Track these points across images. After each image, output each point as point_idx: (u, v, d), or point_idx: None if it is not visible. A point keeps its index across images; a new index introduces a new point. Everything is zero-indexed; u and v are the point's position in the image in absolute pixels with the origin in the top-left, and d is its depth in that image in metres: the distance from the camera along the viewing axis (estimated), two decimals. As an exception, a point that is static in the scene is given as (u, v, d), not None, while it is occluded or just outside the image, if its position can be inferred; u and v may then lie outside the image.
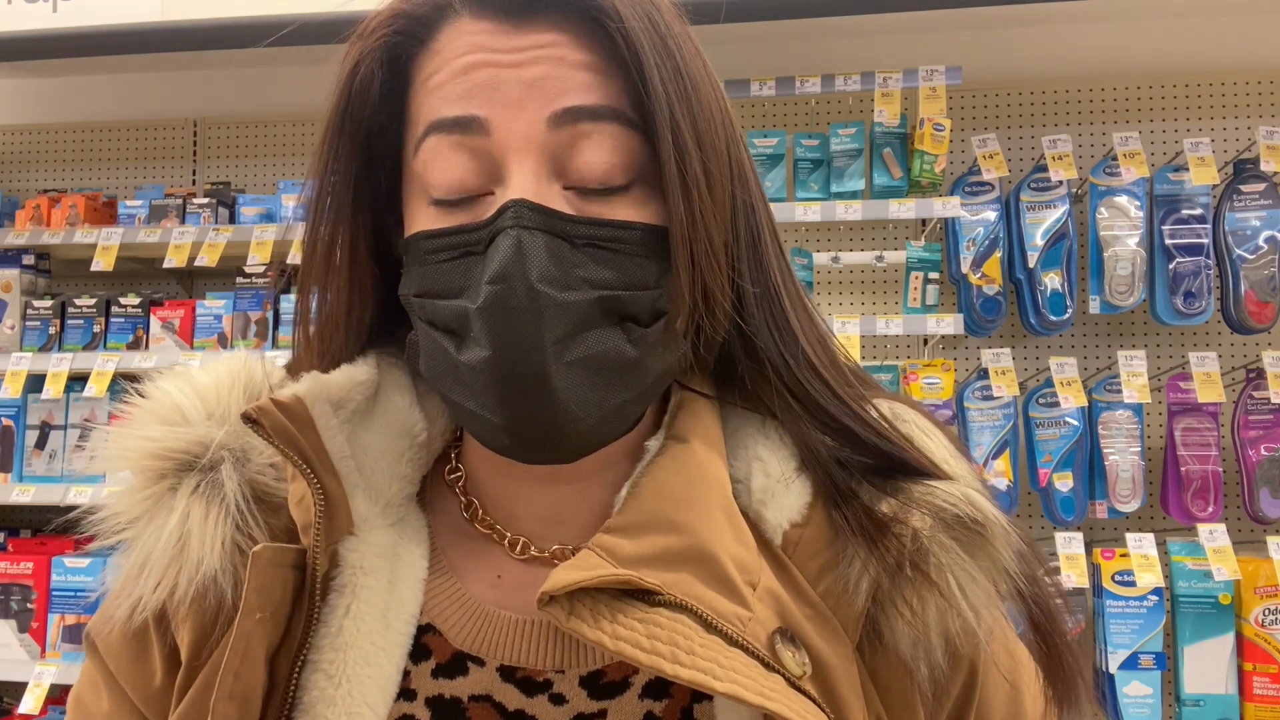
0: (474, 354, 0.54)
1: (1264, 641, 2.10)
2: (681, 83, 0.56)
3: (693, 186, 0.55)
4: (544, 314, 0.52)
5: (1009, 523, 0.59)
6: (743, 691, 0.51)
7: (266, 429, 0.57)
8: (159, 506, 0.59)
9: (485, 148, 0.55)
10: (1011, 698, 0.64)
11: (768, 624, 0.55)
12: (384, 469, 0.62)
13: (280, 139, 2.86)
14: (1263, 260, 2.22)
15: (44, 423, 2.54)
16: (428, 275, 0.57)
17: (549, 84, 0.55)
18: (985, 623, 0.57)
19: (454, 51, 0.56)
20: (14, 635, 2.39)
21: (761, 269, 0.61)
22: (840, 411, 0.60)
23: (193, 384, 0.64)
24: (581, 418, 0.54)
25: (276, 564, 0.57)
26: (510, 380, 0.53)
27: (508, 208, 0.53)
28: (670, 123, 0.54)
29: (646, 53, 0.55)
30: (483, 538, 0.64)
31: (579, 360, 0.53)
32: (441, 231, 0.56)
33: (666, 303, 0.57)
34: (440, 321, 0.57)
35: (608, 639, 0.52)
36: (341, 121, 0.60)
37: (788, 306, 0.62)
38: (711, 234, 0.56)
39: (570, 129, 0.55)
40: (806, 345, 0.62)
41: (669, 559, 0.55)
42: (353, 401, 0.62)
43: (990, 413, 2.26)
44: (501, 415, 0.54)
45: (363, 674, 0.57)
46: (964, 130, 2.50)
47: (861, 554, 0.58)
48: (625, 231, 0.55)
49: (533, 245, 0.52)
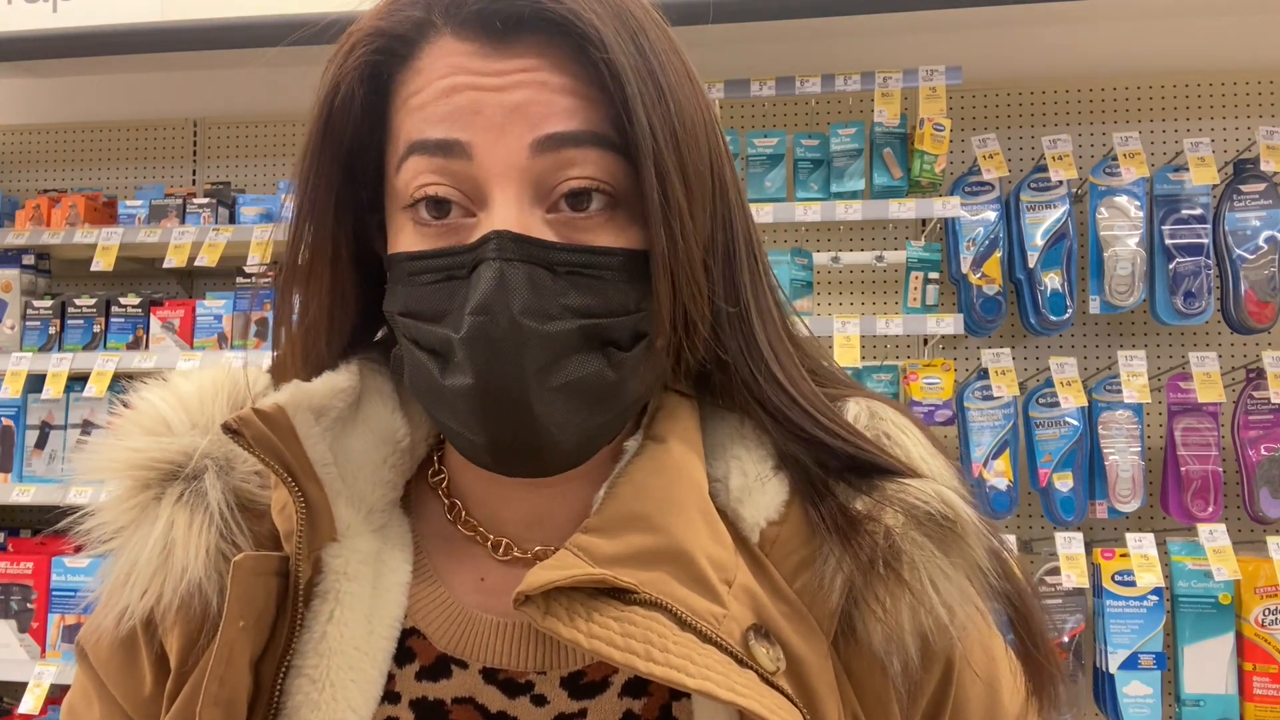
0: (457, 380, 0.54)
1: (1264, 641, 2.10)
2: (665, 107, 0.56)
3: (674, 214, 0.55)
4: (526, 345, 0.53)
5: (984, 521, 0.60)
6: (714, 688, 0.51)
7: (247, 439, 0.57)
8: (144, 516, 0.60)
9: (467, 171, 0.55)
10: (988, 694, 0.64)
11: (742, 621, 0.56)
12: (367, 475, 0.63)
13: (280, 139, 2.86)
14: (1263, 260, 2.22)
15: (44, 423, 2.54)
16: (411, 296, 0.57)
17: (531, 109, 0.54)
18: (959, 619, 0.58)
19: (436, 72, 0.56)
20: (14, 635, 2.39)
21: (734, 286, 0.62)
22: (809, 424, 0.61)
23: (177, 393, 0.65)
24: (562, 440, 0.55)
25: (259, 572, 0.57)
26: (492, 408, 0.54)
27: (490, 239, 0.54)
28: (653, 152, 0.54)
29: (630, 81, 0.54)
30: (466, 540, 0.65)
31: (560, 387, 0.54)
32: (425, 254, 0.57)
33: (647, 325, 0.57)
34: (424, 343, 0.57)
35: (583, 638, 0.53)
36: (323, 137, 0.60)
37: (755, 324, 0.62)
38: (693, 258, 0.57)
39: (553, 155, 0.55)
40: (774, 363, 0.62)
41: (645, 558, 0.56)
42: (334, 409, 0.62)
43: (990, 413, 2.26)
44: (484, 437, 0.55)
45: (346, 678, 0.57)
46: (964, 130, 2.50)
47: (836, 551, 0.58)
48: (607, 258, 0.56)
49: (514, 277, 0.53)
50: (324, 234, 0.61)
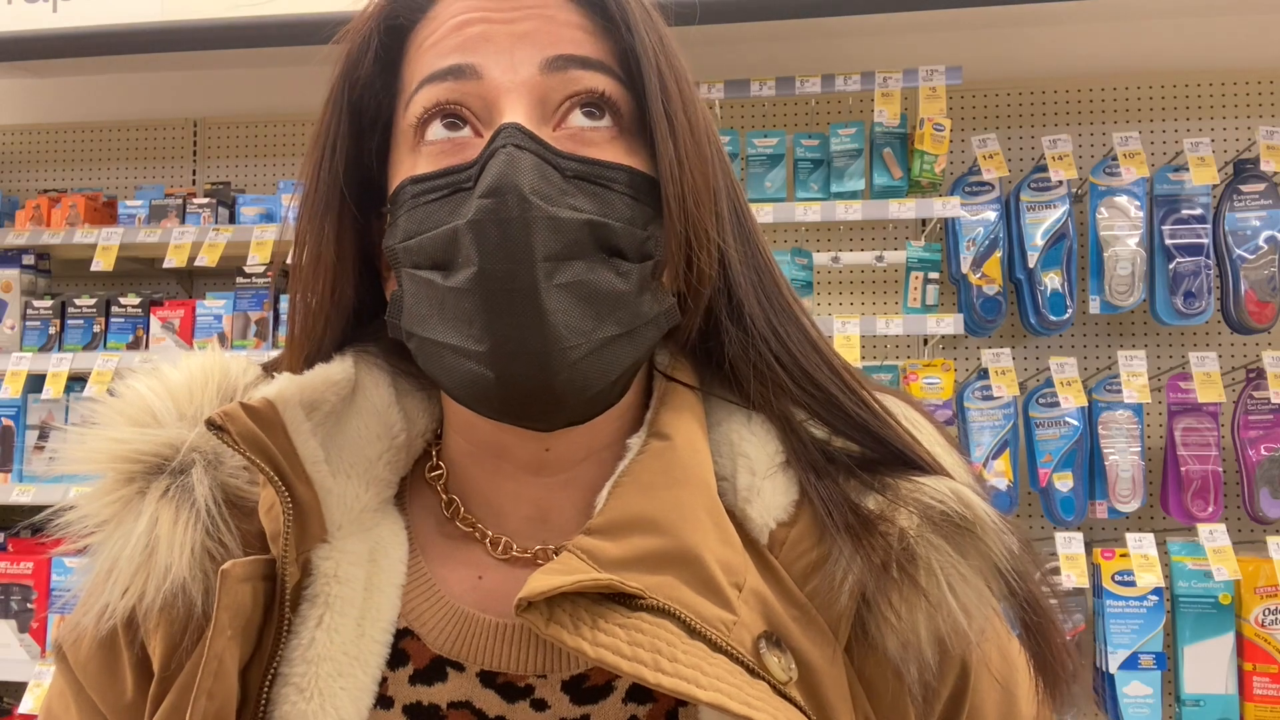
0: (462, 274, 0.53)
1: (1264, 641, 2.10)
2: (667, 50, 0.59)
3: (680, 133, 0.57)
4: (535, 226, 0.52)
5: (1002, 519, 0.58)
6: (727, 701, 0.49)
7: (233, 435, 0.55)
8: (127, 510, 0.57)
9: (477, 91, 0.56)
10: (1004, 699, 0.62)
11: (753, 628, 0.54)
12: (360, 473, 0.61)
13: (280, 139, 2.86)
14: (1263, 260, 2.22)
15: (44, 423, 2.54)
16: (414, 217, 0.56)
17: (541, 36, 0.57)
18: (976, 623, 0.56)
19: (449, 14, 0.58)
20: (14, 635, 2.39)
21: (749, 243, 0.63)
22: (828, 381, 0.60)
23: (164, 383, 0.62)
24: (571, 346, 0.53)
25: (247, 578, 0.55)
26: (499, 296, 0.52)
27: (501, 130, 0.54)
28: (657, 70, 0.57)
29: (634, 12, 0.58)
30: (463, 537, 0.63)
31: (568, 285, 0.53)
32: (431, 174, 0.56)
33: (654, 248, 0.57)
34: (427, 257, 0.56)
35: (588, 646, 0.50)
36: (342, 86, 0.61)
37: (776, 275, 0.63)
38: (697, 183, 0.58)
39: (561, 74, 0.56)
40: (801, 315, 0.62)
41: (651, 561, 0.54)
42: (327, 403, 0.60)
43: (990, 413, 2.26)
44: (487, 341, 0.53)
45: (335, 686, 0.55)
46: (964, 130, 2.50)
47: (847, 552, 0.56)
48: (615, 171, 0.56)
49: (525, 162, 0.53)
50: (330, 214, 0.61)
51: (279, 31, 2.28)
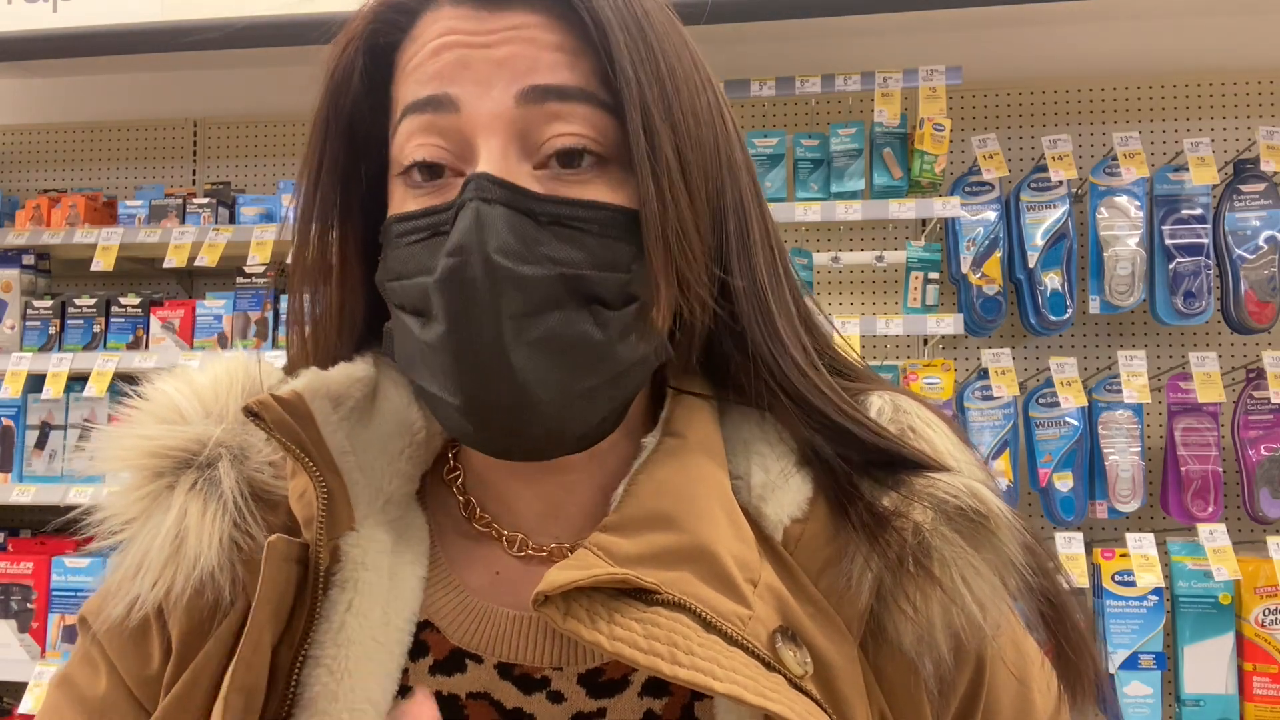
0: (433, 331, 0.53)
1: (1264, 641, 2.10)
2: (655, 66, 0.56)
3: (662, 168, 0.54)
4: (500, 286, 0.51)
5: (1014, 514, 0.58)
6: (743, 692, 0.50)
7: (268, 422, 0.56)
8: (156, 505, 0.59)
9: (455, 126, 0.55)
10: (1020, 693, 0.63)
11: (769, 622, 0.54)
12: (383, 466, 0.62)
13: (280, 139, 2.86)
14: (1263, 260, 2.22)
15: (44, 423, 2.54)
16: (398, 258, 0.57)
17: (518, 62, 0.55)
18: (991, 617, 0.56)
19: (430, 36, 0.57)
20: (14, 635, 2.39)
21: (750, 267, 0.61)
22: (832, 410, 0.60)
23: (190, 384, 0.64)
24: (542, 400, 0.53)
25: (287, 558, 0.56)
26: (466, 357, 0.52)
27: (469, 181, 0.53)
28: (638, 101, 0.54)
29: (615, 32, 0.54)
30: (481, 536, 0.64)
31: (539, 340, 0.52)
32: (412, 214, 0.56)
33: (640, 288, 0.56)
34: (409, 303, 0.56)
35: (605, 640, 0.51)
36: (327, 112, 0.60)
37: (773, 307, 0.61)
38: (684, 218, 0.55)
39: (539, 108, 0.55)
40: (793, 348, 0.61)
41: (667, 557, 0.54)
42: (351, 398, 0.61)
43: (990, 413, 2.26)
44: (460, 397, 0.53)
45: (365, 669, 0.56)
46: (964, 130, 2.50)
47: (863, 549, 0.57)
48: (594, 211, 0.55)
49: (491, 217, 0.52)
50: (332, 218, 0.61)
51: (279, 31, 2.28)
